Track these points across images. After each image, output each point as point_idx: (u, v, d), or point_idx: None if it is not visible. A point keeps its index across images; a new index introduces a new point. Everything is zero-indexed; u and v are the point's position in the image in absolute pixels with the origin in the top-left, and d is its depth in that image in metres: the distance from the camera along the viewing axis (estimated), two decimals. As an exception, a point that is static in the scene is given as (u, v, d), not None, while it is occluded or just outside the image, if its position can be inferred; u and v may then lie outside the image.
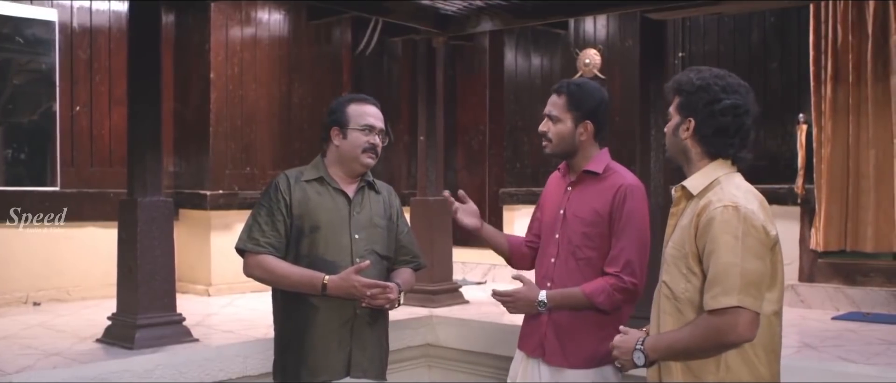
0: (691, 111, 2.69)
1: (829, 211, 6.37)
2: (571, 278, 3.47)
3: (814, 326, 5.67)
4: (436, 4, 6.31)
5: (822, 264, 6.56)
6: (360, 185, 3.57)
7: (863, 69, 6.25)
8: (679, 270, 2.64)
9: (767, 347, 2.60)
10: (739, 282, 2.46)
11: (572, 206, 3.51)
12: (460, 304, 6.47)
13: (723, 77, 2.69)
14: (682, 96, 2.72)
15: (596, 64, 7.77)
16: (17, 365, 4.24)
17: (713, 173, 2.68)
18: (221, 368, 4.59)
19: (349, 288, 3.31)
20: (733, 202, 2.54)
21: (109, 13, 6.93)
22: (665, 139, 2.84)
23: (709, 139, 2.68)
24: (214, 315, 6.01)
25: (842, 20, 6.31)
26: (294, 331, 3.48)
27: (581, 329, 3.44)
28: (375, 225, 3.54)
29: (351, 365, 3.45)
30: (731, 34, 7.06)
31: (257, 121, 7.48)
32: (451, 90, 8.57)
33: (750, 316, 2.48)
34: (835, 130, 6.35)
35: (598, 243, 3.44)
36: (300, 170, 3.60)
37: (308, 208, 3.45)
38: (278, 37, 7.68)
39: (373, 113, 3.55)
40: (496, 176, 8.62)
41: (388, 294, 3.36)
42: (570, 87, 3.49)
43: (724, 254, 2.49)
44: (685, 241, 2.62)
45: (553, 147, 3.52)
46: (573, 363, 3.44)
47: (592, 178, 3.51)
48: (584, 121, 3.48)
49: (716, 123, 2.65)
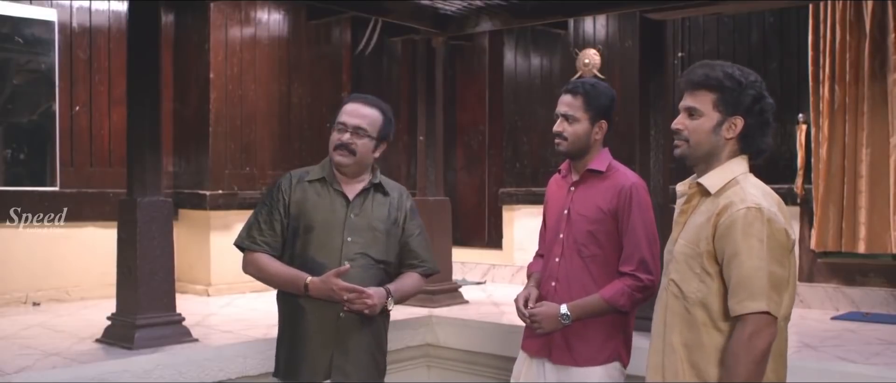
0: (738, 109, 2.56)
1: (825, 211, 6.38)
2: (576, 276, 3.49)
3: (813, 326, 5.67)
4: (435, 4, 6.31)
5: (822, 264, 6.56)
6: (364, 187, 3.52)
7: (861, 69, 6.25)
8: (692, 270, 2.55)
9: (776, 352, 2.53)
10: (766, 286, 2.40)
11: (576, 205, 3.54)
12: (460, 304, 6.48)
13: (751, 72, 2.61)
14: (723, 93, 2.56)
15: (595, 64, 7.77)
16: (17, 366, 4.24)
17: (732, 171, 2.58)
18: (221, 368, 4.59)
19: (328, 290, 3.29)
20: (756, 204, 2.46)
21: (109, 13, 6.93)
22: (681, 138, 2.65)
23: (751, 138, 2.58)
24: (214, 315, 6.01)
25: (840, 20, 6.31)
26: (287, 330, 3.50)
27: (587, 328, 3.46)
28: (374, 228, 3.49)
29: (332, 367, 3.40)
30: (731, 34, 7.07)
31: (257, 121, 7.48)
32: (451, 90, 8.56)
33: (770, 321, 2.42)
34: (832, 130, 6.36)
35: (603, 241, 3.47)
36: (307, 169, 3.59)
37: (305, 208, 3.43)
38: (278, 37, 7.68)
39: (351, 110, 3.49)
40: (496, 176, 8.62)
41: (365, 299, 3.29)
42: (586, 87, 3.52)
43: (749, 258, 2.41)
44: (700, 240, 2.53)
45: (568, 146, 3.53)
46: (580, 361, 3.46)
47: (596, 177, 3.54)
48: (599, 121, 3.52)
49: (762, 121, 2.58)
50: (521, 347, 3.70)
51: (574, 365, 3.47)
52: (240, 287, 6.97)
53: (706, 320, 2.54)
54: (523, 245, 7.92)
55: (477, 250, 8.56)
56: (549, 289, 3.56)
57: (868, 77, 6.20)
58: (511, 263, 8.19)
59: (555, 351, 3.50)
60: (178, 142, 7.39)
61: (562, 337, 3.48)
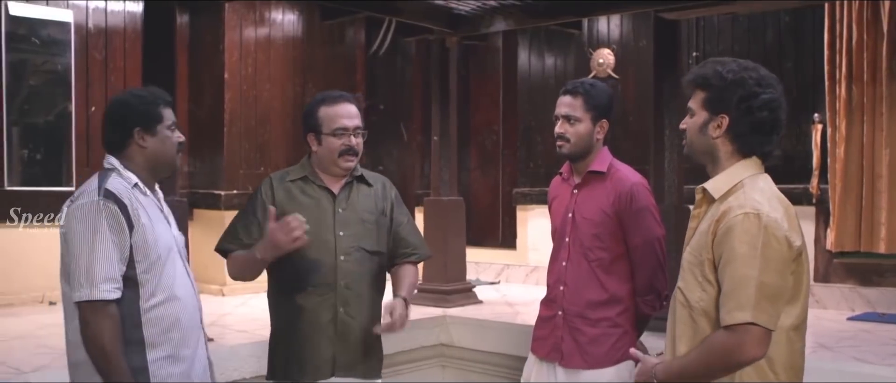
0: (723, 107, 2.47)
1: (843, 211, 6.34)
2: (584, 280, 3.49)
3: (829, 327, 5.64)
4: (449, 4, 6.32)
5: (838, 264, 6.53)
6: (347, 181, 3.45)
7: (878, 68, 6.22)
8: (695, 278, 2.48)
9: (786, 364, 2.44)
10: (754, 296, 2.31)
11: (580, 208, 3.53)
12: (474, 304, 6.47)
13: (754, 69, 2.49)
14: (711, 91, 2.49)
15: (609, 64, 7.76)
16: (33, 365, 4.27)
17: (738, 174, 2.49)
18: (236, 368, 4.61)
19: (271, 242, 3.14)
20: (755, 209, 2.35)
21: (124, 14, 6.96)
22: (685, 138, 2.62)
23: (744, 137, 2.48)
24: (228, 314, 6.03)
25: (857, 19, 6.28)
26: (283, 330, 3.45)
27: (597, 330, 3.45)
28: (363, 221, 3.43)
29: (336, 364, 3.37)
30: (746, 34, 7.04)
31: (271, 121, 7.50)
32: (465, 90, 8.56)
33: (760, 333, 2.32)
34: (849, 130, 6.32)
35: (608, 244, 3.47)
36: (287, 170, 3.53)
37: (291, 208, 3.34)
38: (292, 37, 7.70)
39: (344, 113, 3.39)
40: (510, 176, 8.61)
41: (393, 319, 3.26)
42: (585, 87, 3.51)
43: (740, 266, 2.33)
44: (702, 248, 2.46)
45: (571, 148, 3.52)
46: (591, 363, 3.45)
47: (597, 178, 3.53)
48: (600, 121, 3.51)
49: (753, 120, 2.45)
50: (531, 350, 3.69)
51: (585, 367, 3.47)
52: (254, 287, 6.88)
53: (709, 329, 2.46)
54: (537, 245, 7.91)
55: (491, 250, 8.55)
56: (557, 293, 3.56)
57: (886, 77, 6.17)
58: (525, 263, 8.18)
59: (566, 355, 3.50)
60: (192, 143, 7.40)
61: (573, 341, 3.48)
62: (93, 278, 2.69)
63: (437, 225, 6.57)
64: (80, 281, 2.69)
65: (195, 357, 3.00)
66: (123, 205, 2.79)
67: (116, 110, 2.99)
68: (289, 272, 3.37)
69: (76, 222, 2.76)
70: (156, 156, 2.96)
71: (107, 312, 2.71)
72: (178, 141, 3.02)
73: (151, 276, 2.84)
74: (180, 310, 2.93)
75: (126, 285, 2.77)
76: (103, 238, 2.73)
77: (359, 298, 3.41)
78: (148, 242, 2.83)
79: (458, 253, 6.69)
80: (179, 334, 2.91)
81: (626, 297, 3.49)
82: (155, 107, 2.95)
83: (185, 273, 3.04)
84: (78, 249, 2.72)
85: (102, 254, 2.72)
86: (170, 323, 2.88)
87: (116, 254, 2.74)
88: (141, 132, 2.91)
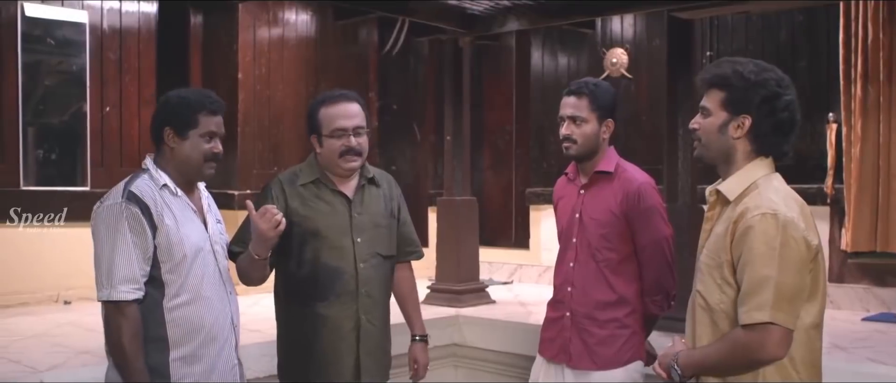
0: (745, 108, 2.46)
1: (859, 211, 6.30)
2: (592, 281, 3.48)
3: (843, 327, 5.62)
4: (462, 4, 6.32)
5: (852, 265, 6.49)
6: (360, 184, 3.42)
7: (893, 68, 6.18)
8: (714, 280, 2.48)
9: (807, 361, 2.45)
10: (773, 296, 2.32)
11: (588, 209, 3.52)
12: (487, 304, 6.47)
13: (771, 69, 2.49)
14: (731, 91, 2.48)
15: (623, 63, 7.74)
16: (48, 364, 4.29)
17: (752, 175, 2.49)
18: (248, 367, 4.59)
19: (258, 235, 3.10)
20: (772, 210, 2.36)
21: (139, 14, 6.99)
22: (697, 137, 2.60)
23: (764, 138, 2.48)
24: (241, 314, 5.98)
25: (872, 18, 6.24)
26: (301, 338, 3.40)
27: (606, 331, 3.44)
28: (378, 225, 3.41)
29: (361, 370, 3.36)
30: (760, 33, 7.02)
31: (285, 121, 7.51)
32: (478, 90, 8.56)
33: (781, 333, 2.35)
34: (865, 129, 6.28)
35: (616, 244, 3.46)
36: (294, 172, 3.47)
37: (307, 214, 3.32)
38: (305, 37, 7.71)
39: (343, 112, 3.35)
40: (523, 176, 8.61)
41: (417, 370, 3.58)
42: (590, 87, 3.50)
43: (759, 267, 2.34)
44: (720, 250, 2.46)
45: (578, 149, 3.51)
46: (600, 364, 3.45)
47: (604, 178, 3.52)
48: (606, 120, 3.50)
49: (775, 121, 2.45)
50: (539, 352, 3.69)
51: (595, 368, 3.46)
52: (267, 287, 6.96)
53: (730, 330, 2.46)
54: (550, 245, 7.85)
55: (504, 250, 8.55)
56: (564, 295, 3.56)
57: (902, 76, 6.14)
58: (538, 263, 8.17)
59: (574, 356, 3.49)
60: (206, 143, 7.43)
61: (581, 342, 3.48)
62: (112, 279, 2.76)
63: (450, 225, 6.58)
64: (102, 281, 2.77)
65: (220, 357, 3.02)
66: (146, 206, 2.83)
67: (159, 105, 3.05)
68: (309, 281, 3.36)
69: (100, 224, 2.83)
70: (183, 160, 2.99)
71: (125, 312, 2.75)
72: (212, 151, 3.01)
73: (176, 276, 2.87)
74: (206, 311, 2.95)
75: (151, 284, 2.82)
76: (123, 239, 2.78)
77: (377, 305, 3.43)
78: (172, 243, 2.85)
79: (471, 253, 6.69)
80: (204, 334, 2.93)
81: (634, 298, 3.48)
82: (191, 112, 2.97)
83: (216, 273, 3.05)
84: (100, 250, 2.79)
85: (122, 256, 2.76)
86: (194, 323, 2.91)
87: (138, 255, 2.79)
88: (171, 133, 2.95)
